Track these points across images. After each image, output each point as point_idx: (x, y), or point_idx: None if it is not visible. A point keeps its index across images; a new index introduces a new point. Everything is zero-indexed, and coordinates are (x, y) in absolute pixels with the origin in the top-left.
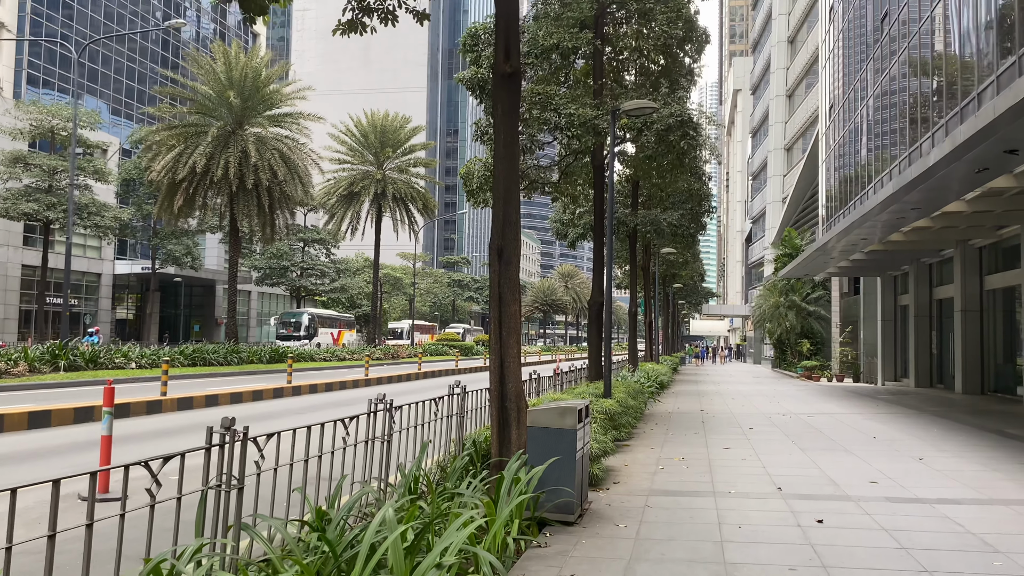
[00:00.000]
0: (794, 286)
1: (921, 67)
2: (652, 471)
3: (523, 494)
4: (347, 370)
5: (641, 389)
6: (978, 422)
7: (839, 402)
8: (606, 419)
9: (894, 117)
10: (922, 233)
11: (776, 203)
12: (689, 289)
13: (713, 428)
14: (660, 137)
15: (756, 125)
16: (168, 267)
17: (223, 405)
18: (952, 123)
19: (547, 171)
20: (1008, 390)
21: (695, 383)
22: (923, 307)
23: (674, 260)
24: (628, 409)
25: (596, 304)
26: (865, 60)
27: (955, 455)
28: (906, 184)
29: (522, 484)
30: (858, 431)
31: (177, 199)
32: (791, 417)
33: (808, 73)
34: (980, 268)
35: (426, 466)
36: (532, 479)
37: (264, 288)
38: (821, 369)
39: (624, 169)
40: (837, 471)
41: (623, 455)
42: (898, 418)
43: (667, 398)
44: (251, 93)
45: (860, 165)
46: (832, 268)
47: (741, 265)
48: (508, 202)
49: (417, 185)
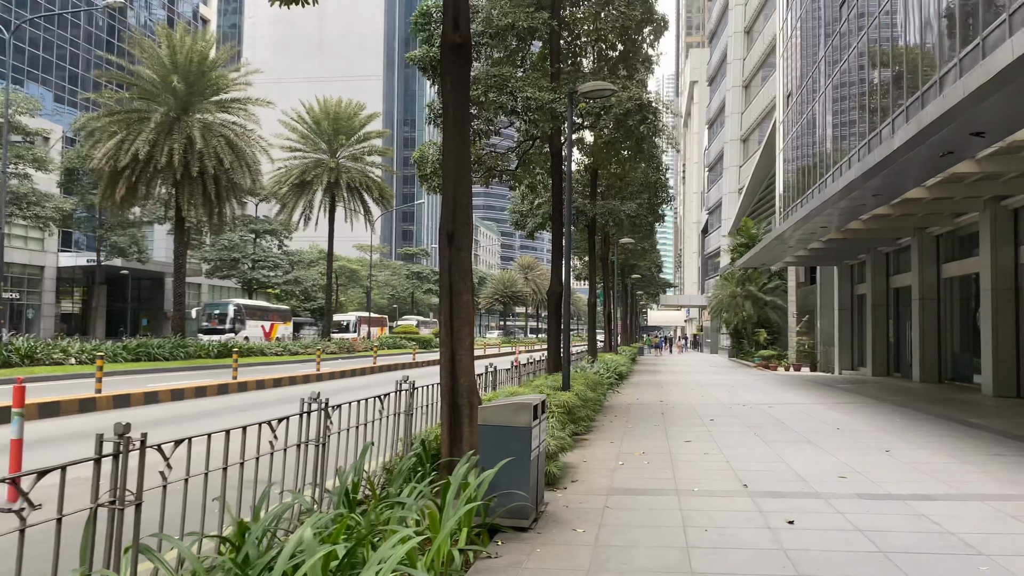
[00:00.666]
0: (751, 276)
1: (881, 53)
2: (612, 467)
3: (472, 500)
4: (299, 365)
5: (600, 380)
6: (940, 411)
7: (798, 391)
8: (564, 413)
9: (853, 106)
10: (881, 221)
11: (732, 194)
12: (647, 280)
13: (673, 420)
14: (619, 122)
15: (712, 116)
16: (114, 259)
17: (164, 402)
18: (913, 108)
19: (504, 158)
20: (965, 378)
21: (654, 373)
22: (880, 296)
23: (632, 250)
24: (587, 402)
25: (555, 294)
26: (823, 48)
27: (921, 446)
28: (869, 169)
29: (471, 488)
30: (821, 422)
31: (119, 188)
32: (751, 408)
33: (764, 64)
34: (937, 256)
35: (371, 468)
36: (483, 483)
37: (215, 281)
38: (778, 358)
39: (583, 158)
40: (803, 465)
41: (582, 450)
42: (859, 408)
43: (626, 389)
44: (196, 78)
45: (818, 154)
46: (789, 257)
47: (697, 256)
48: (459, 183)
49: (372, 174)
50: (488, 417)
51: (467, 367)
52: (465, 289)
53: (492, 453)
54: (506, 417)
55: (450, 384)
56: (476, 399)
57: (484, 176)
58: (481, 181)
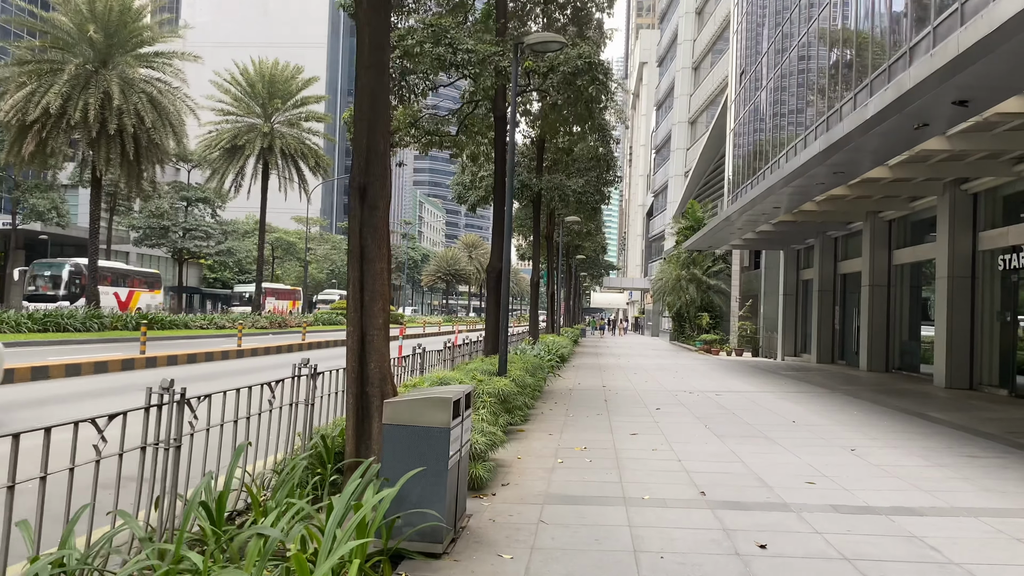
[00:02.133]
0: (695, 259)
1: (843, 23)
2: (549, 466)
3: (367, 526)
4: (222, 339)
5: (541, 364)
6: (896, 404)
7: (744, 378)
8: (497, 403)
9: (811, 81)
10: (835, 203)
11: (679, 176)
12: (591, 261)
13: (618, 408)
14: (567, 82)
15: (661, 98)
16: (33, 224)
17: (56, 378)
18: (879, 82)
19: (445, 122)
20: (912, 367)
21: (596, 355)
22: (827, 281)
23: (578, 231)
24: (525, 388)
25: (495, 271)
26: (780, 21)
27: (888, 444)
28: (836, 141)
29: (367, 509)
30: (773, 413)
31: (28, 143)
32: (698, 395)
33: (715, 46)
34: (889, 242)
35: (260, 469)
36: (383, 501)
37: (144, 249)
38: (720, 343)
39: (529, 129)
40: (764, 466)
41: (517, 444)
42: (811, 398)
43: (568, 372)
44: (116, 28)
45: (771, 133)
46: (736, 240)
47: (642, 239)
48: (375, 126)
49: (309, 141)
50: (396, 415)
51: (379, 350)
52: (379, 256)
53: (400, 460)
54: (419, 415)
55: (358, 370)
56: (390, 388)
57: (424, 144)
58: (419, 149)
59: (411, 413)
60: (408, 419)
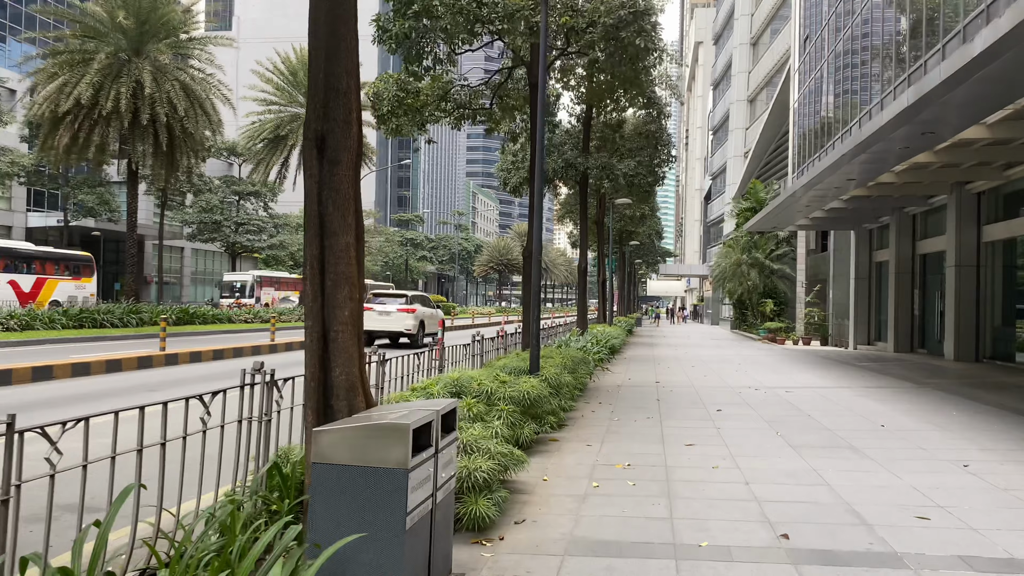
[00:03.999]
0: (757, 243)
1: None
2: (582, 492)
3: None
4: (256, 334)
5: (585, 358)
6: (1000, 400)
7: (816, 371)
8: (518, 410)
9: (887, 39)
10: (918, 173)
11: (737, 158)
12: (646, 248)
13: (671, 409)
14: (610, 35)
15: (718, 76)
16: (86, 220)
17: (60, 379)
18: (972, 27)
19: (478, 96)
20: (1007, 357)
21: (651, 346)
22: (905, 263)
23: (631, 216)
24: (561, 388)
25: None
26: None
27: (1008, 458)
28: (930, 92)
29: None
30: (856, 414)
31: (61, 135)
32: (765, 392)
33: (773, 20)
34: (978, 217)
35: (212, 504)
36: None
37: (198, 244)
38: (785, 331)
39: (574, 105)
40: (857, 491)
41: (544, 459)
42: (897, 395)
43: (618, 365)
44: (148, 14)
45: (842, 99)
46: (803, 220)
47: (699, 224)
48: (335, 56)
49: None
50: (330, 449)
51: (347, 350)
52: (344, 227)
53: (334, 517)
54: (361, 449)
55: (319, 376)
56: (362, 400)
57: (457, 118)
58: (452, 124)
59: (350, 447)
60: (347, 456)
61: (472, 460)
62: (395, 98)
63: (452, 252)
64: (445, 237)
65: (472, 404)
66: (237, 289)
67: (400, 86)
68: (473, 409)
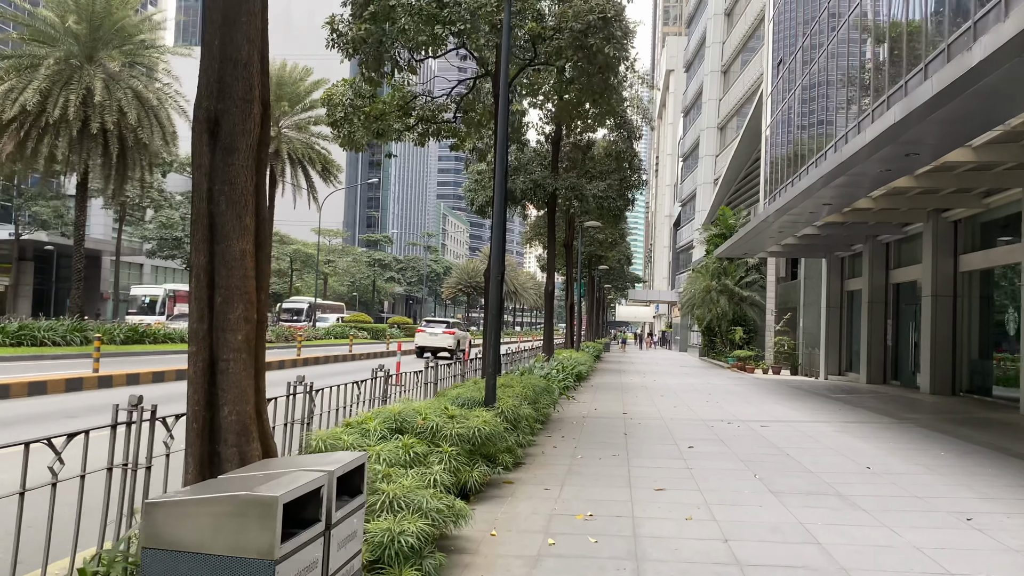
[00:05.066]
0: (727, 269)
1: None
2: (534, 551)
3: None
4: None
5: (548, 386)
6: (989, 439)
7: (789, 402)
8: (466, 451)
9: (865, 61)
10: (896, 199)
11: (707, 184)
12: (615, 272)
13: (640, 445)
14: (578, 42)
15: (689, 103)
16: (37, 233)
17: None
18: (958, 45)
19: (443, 109)
20: (984, 390)
21: (619, 373)
22: (878, 292)
23: (601, 240)
24: (519, 421)
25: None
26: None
27: (1016, 511)
28: (919, 107)
29: None
30: (838, 454)
31: (5, 144)
32: (739, 426)
33: (745, 47)
34: (955, 246)
35: None
36: None
37: (158, 261)
38: (755, 360)
39: (543, 123)
40: (853, 553)
41: (495, 506)
42: (877, 431)
43: (585, 393)
44: (102, 19)
45: (817, 123)
46: (774, 247)
47: (668, 250)
48: (233, 21)
49: (317, 146)
50: (166, 529)
51: (238, 383)
52: (240, 231)
53: None
54: (211, 530)
55: (204, 416)
56: (256, 447)
57: (421, 134)
58: (416, 141)
59: (195, 527)
60: (191, 539)
61: (399, 521)
62: (350, 105)
63: (421, 274)
64: (414, 258)
65: (410, 444)
66: (147, 305)
67: (356, 91)
68: (414, 449)
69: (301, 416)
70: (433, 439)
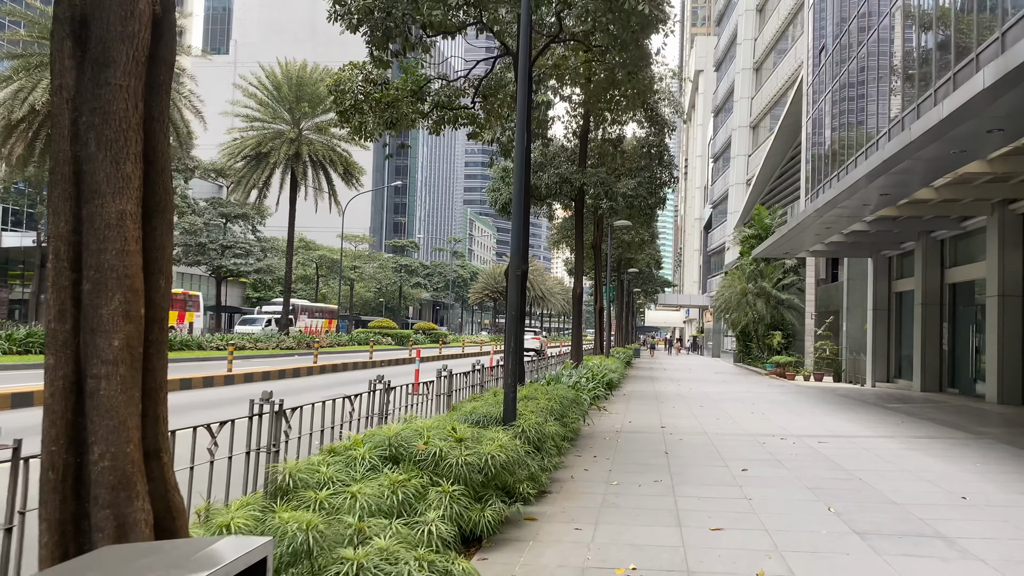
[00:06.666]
0: (763, 271)
1: None
2: None
3: None
4: (216, 363)
5: (577, 398)
6: None
7: (843, 413)
8: (475, 485)
9: (923, 38)
10: (962, 188)
11: (740, 185)
12: (645, 276)
13: (684, 468)
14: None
15: (720, 103)
16: None
17: None
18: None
19: (460, 94)
20: None
21: (651, 380)
22: (933, 293)
23: (630, 241)
24: (544, 440)
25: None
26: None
27: None
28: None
29: None
30: (919, 479)
31: (15, 143)
32: (794, 442)
33: (777, 43)
34: (1023, 241)
35: None
36: None
37: (183, 268)
38: (795, 366)
39: (569, 115)
40: None
41: (512, 554)
42: (956, 448)
43: (616, 404)
44: None
45: (868, 110)
46: (817, 245)
47: (699, 254)
48: None
49: (339, 147)
50: None
51: (116, 411)
52: (118, 183)
53: None
54: None
55: (65, 462)
56: (144, 507)
57: (437, 121)
58: (431, 128)
59: None
60: None
61: None
62: (360, 90)
63: (447, 279)
64: (441, 264)
65: (400, 482)
66: None
67: (366, 77)
68: (404, 488)
69: (269, 441)
70: (435, 469)
